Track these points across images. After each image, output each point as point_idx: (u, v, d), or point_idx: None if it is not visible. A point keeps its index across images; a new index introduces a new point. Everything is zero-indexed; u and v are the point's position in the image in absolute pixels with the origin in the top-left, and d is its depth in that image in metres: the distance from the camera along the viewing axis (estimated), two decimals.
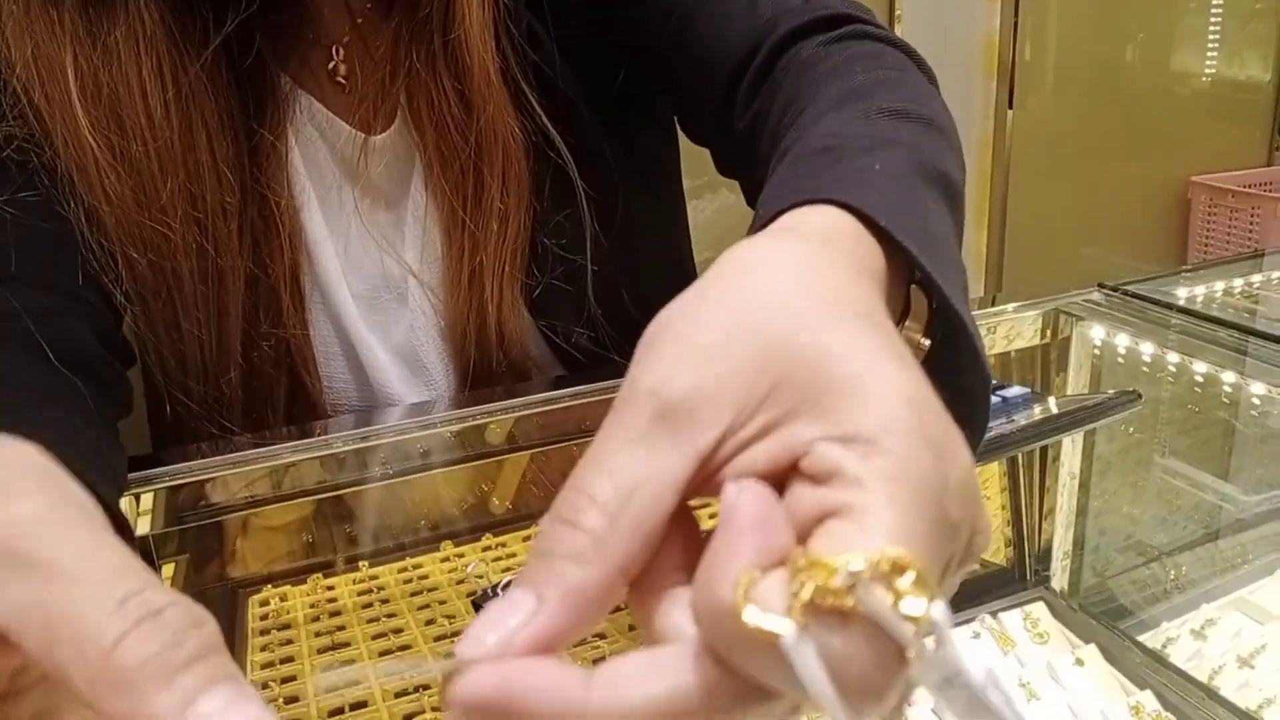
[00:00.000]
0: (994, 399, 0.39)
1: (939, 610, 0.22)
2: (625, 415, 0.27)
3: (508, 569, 0.84)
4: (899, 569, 0.22)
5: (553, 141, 0.72)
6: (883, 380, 0.25)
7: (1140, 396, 0.43)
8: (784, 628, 0.22)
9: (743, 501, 0.24)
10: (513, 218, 0.73)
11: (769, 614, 0.22)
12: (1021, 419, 0.45)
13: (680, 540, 0.27)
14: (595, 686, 0.24)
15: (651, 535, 0.26)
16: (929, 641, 0.22)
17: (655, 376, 0.27)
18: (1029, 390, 0.45)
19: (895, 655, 0.22)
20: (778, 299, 0.28)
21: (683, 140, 0.82)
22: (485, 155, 0.71)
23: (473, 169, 0.72)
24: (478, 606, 0.50)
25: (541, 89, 0.72)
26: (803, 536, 0.24)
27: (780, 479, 0.26)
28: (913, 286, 0.36)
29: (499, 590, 0.53)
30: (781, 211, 0.35)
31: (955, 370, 0.35)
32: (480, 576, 0.49)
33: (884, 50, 0.53)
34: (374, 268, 0.80)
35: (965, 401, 0.35)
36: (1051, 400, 0.46)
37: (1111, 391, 0.46)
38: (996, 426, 0.41)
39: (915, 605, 0.22)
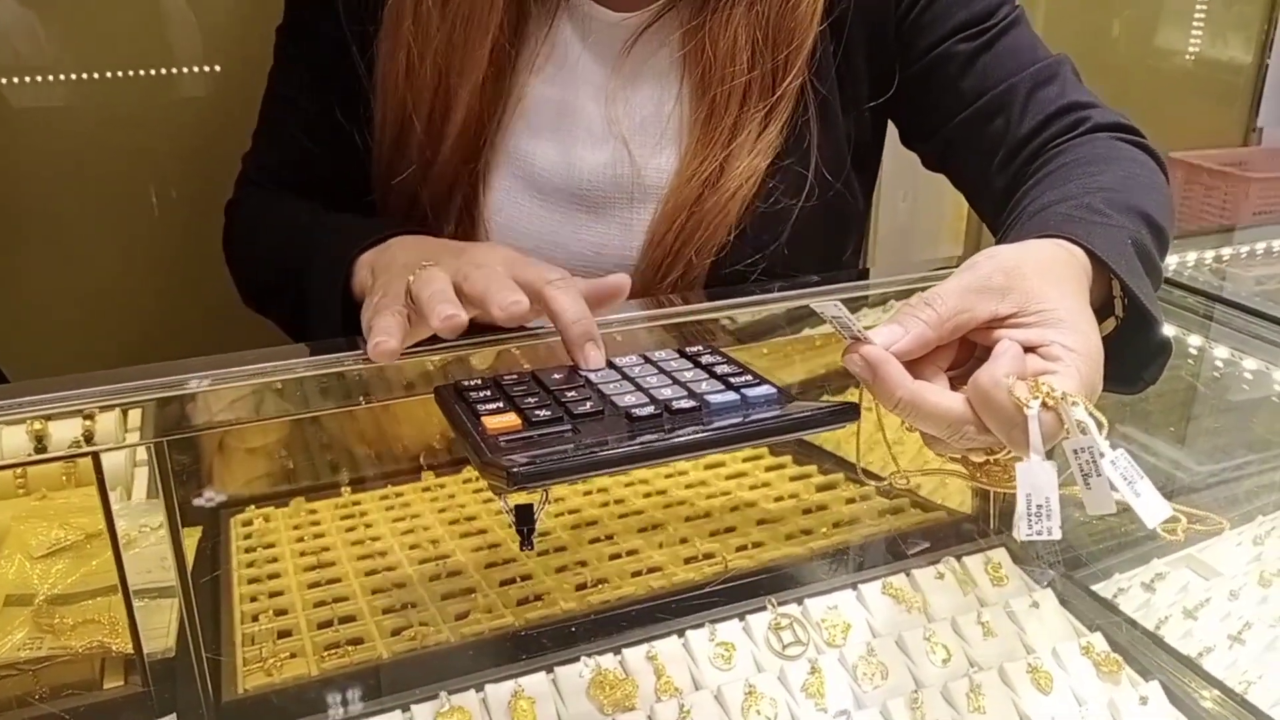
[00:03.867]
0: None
1: (1087, 417, 0.49)
2: (969, 276, 0.54)
3: (488, 500, 0.86)
4: (1076, 401, 0.49)
5: (805, 103, 0.82)
6: (1085, 325, 0.54)
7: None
8: (1031, 404, 0.49)
9: (1013, 346, 0.52)
10: (760, 152, 0.81)
11: (1024, 395, 0.49)
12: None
13: (951, 347, 0.55)
14: (917, 384, 0.51)
15: (955, 333, 0.53)
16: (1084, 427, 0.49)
17: (999, 262, 0.55)
18: (775, 390, 0.53)
19: (1060, 428, 0.49)
20: (1061, 269, 0.58)
21: None
22: (765, 87, 0.80)
23: (744, 94, 0.80)
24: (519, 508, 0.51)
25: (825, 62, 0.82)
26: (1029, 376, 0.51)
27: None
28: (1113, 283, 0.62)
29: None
30: (1042, 237, 0.62)
31: (1141, 332, 0.62)
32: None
33: (1149, 161, 0.78)
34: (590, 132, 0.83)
35: (1146, 350, 0.63)
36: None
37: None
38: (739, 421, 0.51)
39: (1081, 413, 0.49)
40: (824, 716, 0.63)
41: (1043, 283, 0.55)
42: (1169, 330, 0.63)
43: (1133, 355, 0.63)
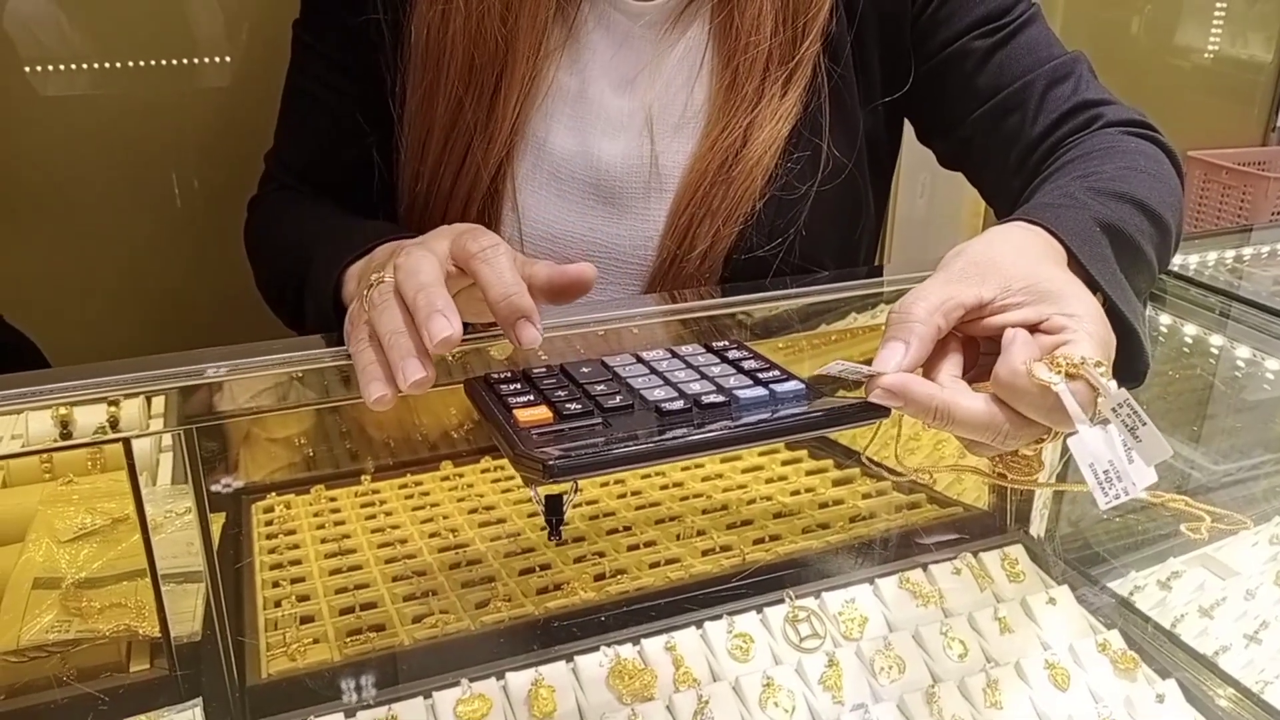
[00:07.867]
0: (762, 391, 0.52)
1: (1110, 379, 0.50)
2: (943, 272, 0.55)
3: (506, 489, 0.87)
4: (1099, 363, 0.50)
5: (819, 85, 0.82)
6: (1074, 288, 0.54)
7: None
8: (1056, 379, 0.49)
9: (1019, 332, 0.52)
10: (782, 119, 0.81)
11: (1046, 375, 0.49)
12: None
13: (958, 350, 0.55)
14: (947, 392, 0.51)
15: (949, 323, 0.53)
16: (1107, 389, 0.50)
17: (969, 255, 0.56)
18: (803, 386, 0.53)
19: (1094, 392, 0.49)
20: (1029, 246, 0.59)
21: None
22: (785, 53, 0.81)
23: (766, 61, 0.80)
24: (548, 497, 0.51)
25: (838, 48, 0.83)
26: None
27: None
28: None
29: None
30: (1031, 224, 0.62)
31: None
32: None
33: (1157, 153, 0.77)
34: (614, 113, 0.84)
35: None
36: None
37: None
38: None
39: (1105, 374, 0.50)
40: (841, 709, 0.63)
41: (1018, 261, 0.55)
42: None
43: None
